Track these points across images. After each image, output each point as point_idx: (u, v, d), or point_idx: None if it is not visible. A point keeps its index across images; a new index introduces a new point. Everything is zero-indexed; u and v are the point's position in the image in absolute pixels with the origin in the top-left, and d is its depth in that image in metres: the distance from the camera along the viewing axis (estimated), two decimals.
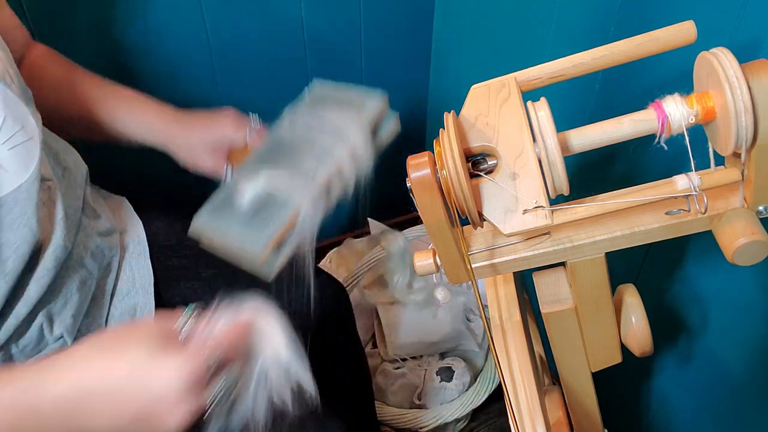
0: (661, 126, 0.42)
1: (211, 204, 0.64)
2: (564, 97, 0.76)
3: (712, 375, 0.80)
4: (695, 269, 0.76)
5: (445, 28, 1.17)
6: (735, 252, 0.42)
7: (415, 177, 0.42)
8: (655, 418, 0.95)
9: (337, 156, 0.62)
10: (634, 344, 0.55)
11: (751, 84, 0.39)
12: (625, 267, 0.86)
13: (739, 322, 0.73)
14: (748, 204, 0.45)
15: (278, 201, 0.61)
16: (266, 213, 0.60)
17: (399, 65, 1.22)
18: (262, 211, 0.61)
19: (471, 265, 0.49)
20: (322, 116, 0.66)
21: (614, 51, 0.45)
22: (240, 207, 0.61)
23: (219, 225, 0.62)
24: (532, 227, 0.44)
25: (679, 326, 0.82)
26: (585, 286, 0.51)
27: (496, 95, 0.46)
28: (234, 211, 0.62)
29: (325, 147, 0.63)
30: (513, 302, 0.64)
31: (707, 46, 0.42)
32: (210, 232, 0.62)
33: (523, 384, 0.59)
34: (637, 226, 0.47)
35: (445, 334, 1.11)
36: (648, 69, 0.69)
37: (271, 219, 0.60)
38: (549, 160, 0.43)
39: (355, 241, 1.30)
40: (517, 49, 0.96)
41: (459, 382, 1.08)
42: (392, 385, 1.09)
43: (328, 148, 0.63)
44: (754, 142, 0.41)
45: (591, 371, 0.59)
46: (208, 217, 0.63)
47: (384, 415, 1.05)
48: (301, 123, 0.68)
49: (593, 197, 0.47)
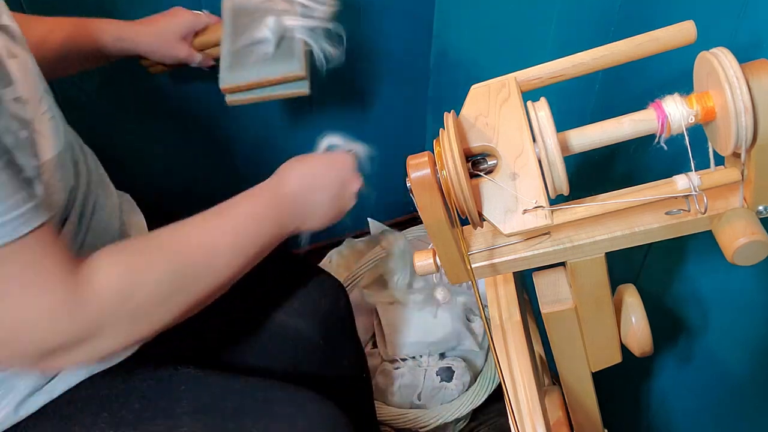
0: (661, 126, 0.42)
1: (225, 63, 0.76)
2: (564, 97, 0.76)
3: (712, 375, 0.80)
4: (695, 269, 0.76)
5: (445, 27, 1.16)
6: (735, 252, 0.42)
7: (415, 177, 0.42)
8: (655, 418, 0.95)
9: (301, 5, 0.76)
10: (634, 344, 0.55)
11: (751, 84, 0.39)
12: (625, 267, 0.86)
13: (739, 322, 0.73)
14: (748, 204, 0.45)
15: (288, 35, 0.75)
16: (285, 45, 0.74)
17: (399, 65, 1.22)
18: (281, 46, 0.74)
19: (471, 265, 0.49)
20: None
21: (614, 51, 0.45)
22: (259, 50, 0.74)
23: (249, 70, 0.74)
24: (532, 227, 0.44)
25: (679, 326, 0.82)
26: (585, 286, 0.51)
27: (496, 95, 0.46)
28: (254, 56, 0.74)
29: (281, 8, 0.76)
30: (513, 302, 0.64)
31: (707, 46, 0.42)
32: (242, 79, 0.74)
33: (523, 384, 0.59)
34: (637, 226, 0.47)
35: (445, 334, 1.11)
36: (648, 69, 0.69)
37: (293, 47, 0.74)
38: (549, 160, 0.43)
39: (355, 241, 1.30)
40: (517, 49, 0.96)
41: (459, 382, 1.08)
42: (392, 385, 1.09)
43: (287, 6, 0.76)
44: (753, 142, 0.41)
45: (591, 371, 0.59)
46: (232, 70, 0.75)
47: (384, 415, 1.05)
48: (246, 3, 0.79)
49: (593, 197, 0.47)
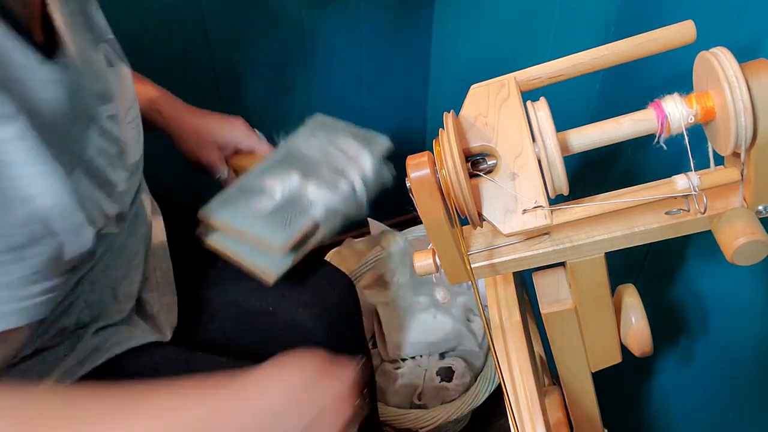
0: (661, 126, 0.42)
1: (225, 195, 0.67)
2: (564, 97, 0.76)
3: (712, 375, 0.80)
4: (695, 269, 0.76)
5: (445, 27, 1.16)
6: (735, 252, 0.42)
7: (415, 177, 0.42)
8: (655, 418, 0.95)
9: (351, 177, 0.66)
10: (634, 344, 0.55)
11: (750, 84, 0.39)
12: (625, 267, 0.86)
13: (739, 322, 0.73)
14: (748, 204, 0.45)
15: (301, 204, 0.64)
16: (289, 212, 0.64)
17: (399, 65, 1.22)
18: (284, 210, 0.64)
19: (471, 265, 0.49)
20: (335, 140, 0.70)
21: (614, 51, 0.45)
22: (260, 202, 0.64)
23: (236, 214, 0.64)
24: (531, 227, 0.44)
25: (679, 326, 0.82)
26: (585, 286, 0.51)
27: (496, 95, 0.46)
28: (253, 204, 0.64)
29: (338, 167, 0.67)
30: (513, 302, 0.64)
31: (707, 46, 0.41)
32: (225, 219, 0.64)
33: (523, 384, 0.59)
34: (637, 226, 0.47)
35: (445, 334, 1.11)
36: (648, 69, 0.69)
37: (294, 219, 0.63)
38: (548, 160, 0.43)
39: (355, 241, 1.30)
40: (517, 49, 0.96)
41: (459, 382, 1.08)
42: (392, 385, 1.09)
43: (342, 169, 0.67)
44: (753, 141, 0.41)
45: (591, 371, 0.59)
46: (223, 205, 0.65)
47: (384, 415, 1.05)
48: (312, 142, 0.71)
49: (593, 197, 0.47)
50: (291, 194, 0.64)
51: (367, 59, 1.17)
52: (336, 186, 0.65)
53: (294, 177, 0.65)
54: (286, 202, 0.64)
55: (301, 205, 0.64)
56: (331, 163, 0.68)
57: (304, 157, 0.70)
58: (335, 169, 0.67)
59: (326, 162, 0.68)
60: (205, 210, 0.64)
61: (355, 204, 0.67)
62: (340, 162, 0.67)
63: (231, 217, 0.63)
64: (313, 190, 0.64)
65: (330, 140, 0.71)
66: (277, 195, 0.64)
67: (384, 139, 0.72)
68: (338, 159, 0.68)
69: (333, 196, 0.64)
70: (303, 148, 0.71)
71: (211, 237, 0.66)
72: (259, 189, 0.65)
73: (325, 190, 0.64)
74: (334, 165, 0.67)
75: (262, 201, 0.64)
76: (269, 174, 0.67)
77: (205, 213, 0.64)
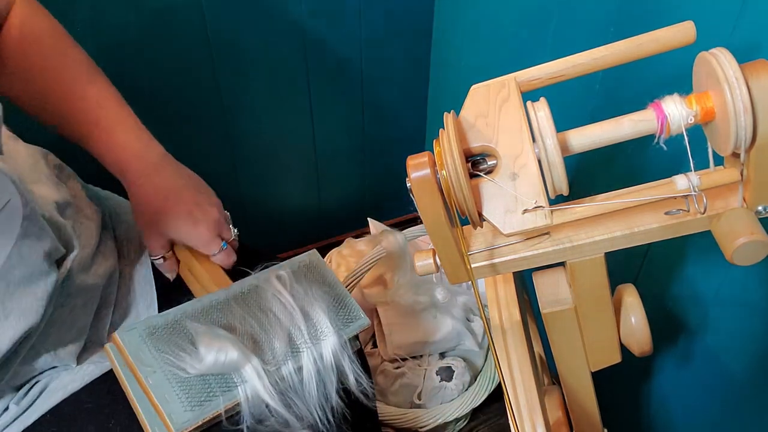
0: (660, 126, 0.42)
1: (152, 326, 0.55)
2: (564, 97, 0.76)
3: (712, 375, 0.80)
4: (695, 269, 0.76)
5: (444, 27, 1.17)
6: (734, 252, 0.42)
7: (415, 177, 0.42)
8: (655, 418, 0.95)
9: (301, 362, 0.56)
10: (634, 344, 0.55)
11: (750, 84, 0.39)
12: (625, 267, 0.86)
13: (738, 322, 0.73)
14: (748, 204, 0.45)
15: (227, 381, 0.54)
16: (208, 386, 0.53)
17: (399, 65, 1.22)
18: (203, 383, 0.53)
19: (471, 265, 0.49)
20: (308, 305, 0.59)
21: (614, 51, 0.45)
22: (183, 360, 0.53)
23: (149, 360, 0.53)
24: (531, 227, 0.44)
25: (679, 326, 0.82)
26: (585, 286, 0.51)
27: (496, 95, 0.46)
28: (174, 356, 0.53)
29: (295, 342, 0.57)
30: (513, 302, 0.64)
31: (707, 47, 0.42)
32: (134, 361, 0.53)
33: (523, 384, 0.59)
34: (637, 226, 0.47)
35: (445, 334, 1.11)
36: (648, 69, 0.69)
37: (210, 397, 0.53)
38: (549, 160, 0.43)
39: (355, 241, 1.30)
40: (517, 49, 0.96)
41: (459, 382, 1.08)
42: (392, 385, 1.09)
43: (298, 346, 0.57)
44: (753, 142, 0.41)
45: (591, 371, 0.59)
46: (142, 341, 0.54)
47: (384, 415, 1.05)
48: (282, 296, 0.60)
49: (593, 197, 0.47)
50: (222, 368, 0.53)
51: (367, 59, 1.17)
52: (279, 368, 0.55)
53: (232, 353, 0.53)
54: (212, 373, 0.53)
55: (228, 381, 0.54)
56: (289, 332, 0.57)
57: (264, 310, 0.59)
58: (291, 342, 0.57)
59: (285, 329, 0.58)
60: (121, 333, 0.54)
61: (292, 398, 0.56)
62: (299, 337, 0.57)
63: (141, 363, 0.53)
64: (250, 373, 0.54)
65: (302, 302, 0.59)
66: (206, 362, 0.52)
67: (363, 321, 0.62)
68: (300, 332, 0.57)
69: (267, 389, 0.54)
70: (270, 298, 0.60)
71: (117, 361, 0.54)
72: (191, 339, 0.54)
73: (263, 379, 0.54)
74: (292, 337, 0.57)
75: (186, 360, 0.53)
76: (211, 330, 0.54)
77: (121, 337, 0.54)
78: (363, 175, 1.37)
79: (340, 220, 1.42)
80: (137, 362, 0.53)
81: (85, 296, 0.60)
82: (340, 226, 1.43)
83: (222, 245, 0.66)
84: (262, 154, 1.20)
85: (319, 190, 1.34)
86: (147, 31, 0.95)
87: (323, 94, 1.17)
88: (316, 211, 1.37)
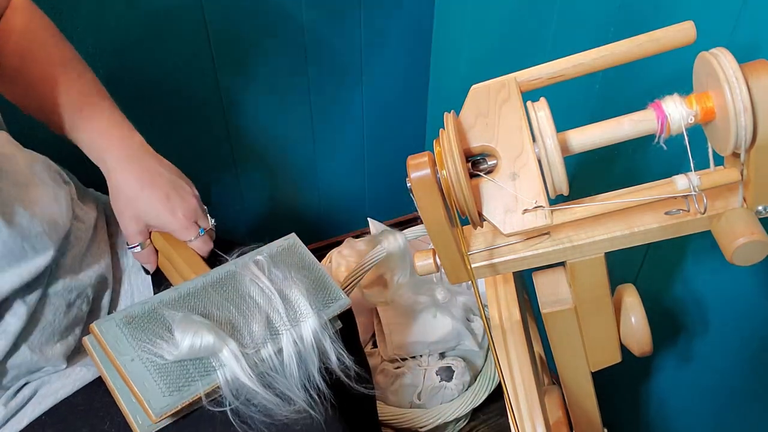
0: (661, 126, 0.42)
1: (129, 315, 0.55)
2: (564, 97, 0.76)
3: (711, 375, 0.80)
4: (695, 269, 0.76)
5: (444, 27, 1.17)
6: (734, 252, 0.42)
7: (415, 177, 0.42)
8: (655, 418, 0.95)
9: (281, 344, 0.57)
10: (634, 344, 0.55)
11: (750, 84, 0.39)
12: (624, 267, 0.86)
13: (738, 322, 0.73)
14: (748, 204, 0.45)
15: (205, 365, 0.54)
16: (187, 371, 0.54)
17: (399, 65, 1.22)
18: (181, 368, 0.54)
19: (471, 265, 0.49)
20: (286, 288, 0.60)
21: (614, 51, 0.45)
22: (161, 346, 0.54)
23: (126, 349, 0.53)
24: (531, 227, 0.44)
25: (678, 326, 0.82)
26: (585, 286, 0.51)
27: (496, 95, 0.46)
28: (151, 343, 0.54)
29: (274, 325, 0.58)
30: (513, 302, 0.64)
31: (707, 47, 0.42)
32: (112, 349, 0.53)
33: (523, 384, 0.59)
34: (637, 226, 0.47)
35: (445, 334, 1.11)
36: (648, 69, 0.69)
37: (189, 381, 0.53)
38: (549, 160, 0.43)
39: (355, 241, 1.30)
40: (517, 49, 0.96)
41: (459, 382, 1.08)
42: (392, 384, 1.09)
43: (277, 329, 0.58)
44: (753, 142, 0.41)
45: (591, 371, 0.59)
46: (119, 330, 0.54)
47: (384, 415, 1.05)
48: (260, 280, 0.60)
49: (593, 197, 0.47)
50: (199, 352, 0.54)
51: (367, 60, 1.17)
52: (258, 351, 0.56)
53: (207, 337, 0.54)
54: (189, 358, 0.54)
55: (206, 365, 0.54)
56: (268, 315, 0.58)
57: (242, 295, 0.59)
58: (270, 325, 0.57)
59: (263, 312, 0.58)
60: (99, 323, 0.54)
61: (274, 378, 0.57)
62: (277, 319, 0.58)
63: (119, 352, 0.53)
64: (227, 356, 0.54)
65: (281, 285, 0.60)
66: (182, 348, 0.53)
67: (343, 301, 0.63)
68: (278, 314, 0.58)
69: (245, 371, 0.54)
70: (247, 283, 0.60)
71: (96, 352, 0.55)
72: (168, 327, 0.55)
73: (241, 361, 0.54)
74: (270, 319, 0.58)
75: (163, 347, 0.53)
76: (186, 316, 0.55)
77: (98, 327, 0.54)
78: (363, 175, 1.37)
79: (340, 220, 1.42)
80: (115, 351, 0.53)
81: (70, 296, 0.59)
82: (340, 226, 1.43)
83: (199, 231, 0.67)
84: (262, 154, 1.20)
85: (319, 190, 1.34)
86: (147, 31, 0.95)
87: (323, 94, 1.17)
88: (316, 211, 1.37)
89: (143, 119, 0.70)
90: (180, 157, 0.76)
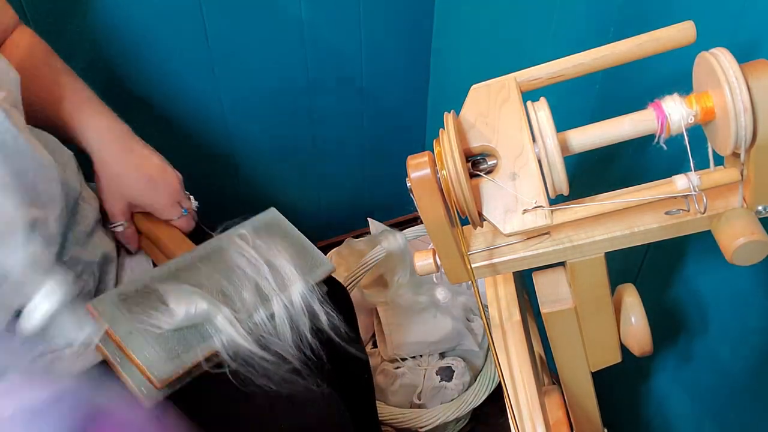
0: (661, 126, 0.42)
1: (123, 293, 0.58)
2: (564, 97, 0.76)
3: (712, 375, 0.80)
4: (695, 269, 0.76)
5: (444, 27, 1.17)
6: (734, 252, 0.42)
7: (415, 177, 0.42)
8: (655, 418, 0.95)
9: (273, 309, 0.60)
10: (634, 344, 0.55)
11: (750, 84, 0.39)
12: (624, 267, 0.86)
13: (738, 322, 0.73)
14: (748, 204, 0.45)
15: (202, 332, 0.57)
16: (185, 338, 0.56)
17: (399, 65, 1.22)
18: (179, 335, 0.56)
19: (471, 265, 0.49)
20: (272, 257, 0.63)
21: (614, 51, 0.45)
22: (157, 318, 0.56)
23: (124, 323, 0.55)
24: (531, 227, 0.44)
25: (679, 326, 0.82)
26: (585, 286, 0.51)
27: (496, 95, 0.46)
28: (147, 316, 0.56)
29: (264, 291, 0.60)
30: (513, 302, 0.64)
31: (707, 46, 0.42)
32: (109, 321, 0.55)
33: (523, 384, 0.59)
34: (637, 226, 0.47)
35: (445, 334, 1.11)
36: (648, 69, 0.69)
37: (188, 348, 0.55)
38: (549, 160, 0.43)
39: (355, 241, 1.30)
40: (517, 49, 0.96)
41: (459, 382, 1.08)
42: (392, 384, 1.09)
43: (267, 294, 0.60)
44: (753, 142, 0.41)
45: (591, 371, 0.59)
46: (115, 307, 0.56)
47: (384, 415, 1.05)
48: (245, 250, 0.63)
49: (593, 197, 0.47)
50: (194, 319, 0.56)
51: (367, 59, 1.17)
52: (251, 316, 0.58)
53: (201, 304, 0.56)
54: (186, 326, 0.56)
55: (202, 332, 0.57)
56: (256, 283, 0.61)
57: (230, 266, 0.62)
58: (260, 292, 0.60)
59: (252, 280, 0.61)
60: (95, 303, 0.56)
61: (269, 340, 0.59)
62: (266, 286, 0.60)
63: (117, 326, 0.55)
64: (222, 322, 0.57)
65: (266, 255, 0.62)
66: (178, 316, 0.55)
67: (328, 266, 0.66)
68: (267, 281, 0.60)
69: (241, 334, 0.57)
70: (234, 255, 0.63)
71: None
72: (162, 299, 0.57)
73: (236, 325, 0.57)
74: (259, 287, 0.60)
75: (159, 318, 0.55)
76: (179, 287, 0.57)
77: (95, 306, 0.56)
78: (363, 175, 1.37)
79: (340, 220, 1.42)
80: (113, 326, 0.55)
81: (77, 268, 0.61)
82: (340, 226, 1.43)
83: (183, 211, 0.70)
84: (262, 154, 1.20)
85: (319, 190, 1.34)
86: (147, 31, 0.95)
87: (323, 94, 1.17)
88: (316, 211, 1.37)
89: (143, 119, 0.70)
90: (180, 157, 0.77)
